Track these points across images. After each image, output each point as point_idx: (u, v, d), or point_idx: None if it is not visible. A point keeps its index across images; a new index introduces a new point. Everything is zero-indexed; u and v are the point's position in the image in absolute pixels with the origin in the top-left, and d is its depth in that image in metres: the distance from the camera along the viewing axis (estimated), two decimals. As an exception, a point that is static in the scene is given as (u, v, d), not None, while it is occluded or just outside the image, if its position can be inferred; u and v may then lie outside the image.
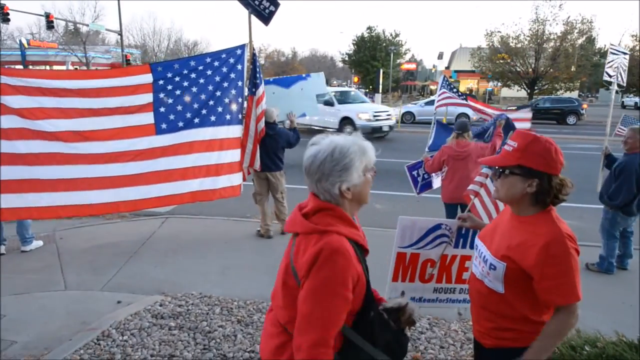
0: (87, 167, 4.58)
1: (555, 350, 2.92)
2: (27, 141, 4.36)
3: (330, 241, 1.40)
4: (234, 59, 5.27)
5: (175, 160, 4.99)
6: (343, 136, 1.52)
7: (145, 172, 4.83)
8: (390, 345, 1.54)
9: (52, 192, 4.46)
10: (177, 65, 5.05)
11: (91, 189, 4.60)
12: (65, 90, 4.53)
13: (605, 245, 4.87)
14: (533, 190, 1.70)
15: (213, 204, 5.61)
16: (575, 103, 25.29)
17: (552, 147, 1.70)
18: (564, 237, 1.64)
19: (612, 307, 4.10)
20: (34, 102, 4.39)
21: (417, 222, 2.16)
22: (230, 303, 3.98)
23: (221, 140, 5.25)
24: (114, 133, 4.70)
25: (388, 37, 44.25)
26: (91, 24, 32.02)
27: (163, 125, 4.92)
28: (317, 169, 1.47)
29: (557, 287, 1.63)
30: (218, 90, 5.17)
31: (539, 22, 30.86)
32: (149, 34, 44.78)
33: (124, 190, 4.72)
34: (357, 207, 1.57)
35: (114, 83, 4.74)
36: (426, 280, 2.28)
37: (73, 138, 4.54)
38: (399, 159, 11.89)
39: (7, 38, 39.22)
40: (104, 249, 5.30)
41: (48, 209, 4.52)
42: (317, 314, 1.38)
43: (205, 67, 5.11)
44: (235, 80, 5.29)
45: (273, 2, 5.29)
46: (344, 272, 1.39)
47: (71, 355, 3.12)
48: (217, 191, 5.31)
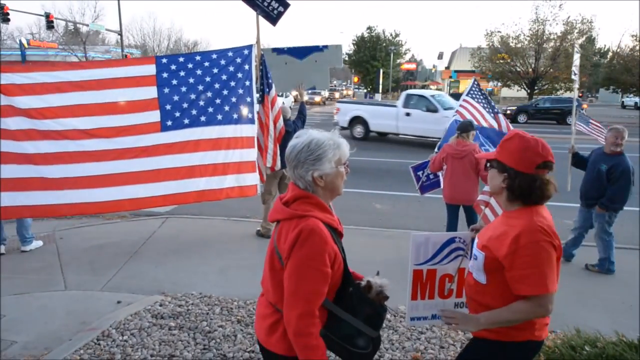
0: (93, 164, 4.56)
1: (555, 351, 2.92)
2: (36, 142, 4.39)
3: (307, 224, 1.59)
4: (241, 59, 5.23)
5: (181, 158, 4.95)
6: (321, 132, 1.72)
7: (150, 170, 4.78)
8: (371, 317, 1.74)
9: (57, 190, 4.46)
10: (182, 59, 5.01)
11: (96, 186, 4.58)
12: (68, 84, 4.51)
13: (606, 246, 4.85)
14: (504, 186, 1.78)
15: (213, 204, 5.61)
16: (575, 103, 25.26)
17: (530, 145, 1.72)
18: (535, 229, 1.68)
19: (612, 307, 4.10)
20: (41, 102, 4.40)
21: (431, 238, 2.13)
22: (230, 303, 3.98)
23: (229, 139, 5.19)
24: (120, 130, 4.68)
25: (388, 37, 44.30)
26: (91, 24, 32.05)
27: (169, 122, 4.88)
28: (294, 157, 1.67)
29: (525, 277, 1.67)
30: (225, 89, 5.12)
31: (539, 22, 30.89)
32: (149, 34, 44.93)
33: (129, 187, 4.68)
34: (331, 196, 1.75)
35: (117, 73, 4.71)
36: (446, 296, 2.23)
37: (80, 136, 4.54)
38: (399, 159, 11.91)
39: (7, 38, 39.22)
40: (104, 249, 5.30)
41: (53, 207, 4.52)
42: (302, 289, 1.57)
43: (212, 64, 5.07)
44: (243, 79, 5.25)
45: (282, 3, 5.25)
46: (321, 250, 1.58)
47: (71, 355, 3.12)
48: (224, 191, 5.23)
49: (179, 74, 4.92)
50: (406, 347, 3.31)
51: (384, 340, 3.36)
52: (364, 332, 1.72)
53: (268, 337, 1.73)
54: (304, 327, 1.57)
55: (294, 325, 1.57)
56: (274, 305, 1.72)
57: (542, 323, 1.81)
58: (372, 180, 9.08)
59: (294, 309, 1.57)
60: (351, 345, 1.70)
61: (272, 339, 1.71)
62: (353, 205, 7.26)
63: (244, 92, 5.26)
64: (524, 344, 1.80)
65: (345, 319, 1.69)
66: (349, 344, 1.70)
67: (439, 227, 5.80)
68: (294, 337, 1.58)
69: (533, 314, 1.70)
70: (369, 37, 43.95)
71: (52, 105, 4.44)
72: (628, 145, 4.97)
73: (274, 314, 1.72)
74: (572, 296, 4.29)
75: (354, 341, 1.71)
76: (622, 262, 5.16)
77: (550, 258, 1.68)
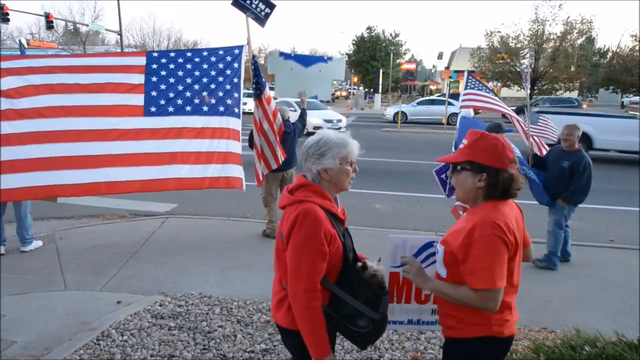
0: (69, 144, 4.29)
1: (555, 351, 2.92)
2: (12, 122, 4.08)
3: (304, 207, 1.77)
4: (232, 57, 5.23)
5: (163, 143, 4.69)
6: (334, 132, 1.91)
7: (131, 154, 4.53)
8: (370, 300, 1.85)
9: (30, 172, 4.15)
10: (174, 54, 4.99)
11: (72, 168, 4.29)
12: (55, 68, 4.37)
13: (554, 241, 4.89)
14: (483, 185, 1.78)
15: (213, 204, 5.62)
16: (575, 103, 25.34)
17: (499, 142, 1.79)
18: (489, 223, 1.69)
19: (612, 307, 4.10)
20: (21, 81, 4.16)
21: (408, 241, 2.08)
22: (230, 303, 3.98)
23: (214, 129, 5.03)
24: (100, 110, 4.43)
25: (388, 37, 44.28)
26: (91, 24, 32.07)
27: (152, 108, 4.75)
28: (305, 152, 1.89)
29: (474, 270, 1.69)
30: (213, 83, 5.07)
31: (538, 22, 30.84)
32: (149, 34, 44.89)
33: (107, 170, 4.41)
34: (336, 190, 1.91)
35: (107, 62, 4.66)
36: (422, 301, 2.19)
37: (57, 113, 4.28)
38: (399, 159, 11.92)
39: (7, 38, 39.27)
40: (104, 249, 5.30)
41: (23, 190, 4.14)
42: (303, 265, 1.74)
43: (202, 60, 5.05)
44: (231, 76, 5.21)
45: (268, 4, 5.29)
46: (316, 230, 1.74)
47: (71, 355, 3.12)
48: (207, 180, 5.02)
49: (168, 66, 4.85)
50: (406, 347, 3.32)
51: (384, 340, 3.36)
52: (365, 313, 1.83)
53: (276, 311, 1.95)
54: (308, 300, 1.73)
55: (298, 299, 1.75)
56: (281, 282, 1.91)
57: (500, 319, 1.79)
58: (371, 180, 9.08)
59: (298, 284, 1.75)
60: (352, 325, 1.84)
61: (279, 313, 1.92)
62: (353, 205, 7.25)
63: (231, 87, 5.22)
64: (483, 340, 1.80)
65: (346, 299, 1.83)
66: (350, 323, 1.84)
67: (439, 227, 5.81)
68: (299, 310, 1.75)
69: (477, 304, 1.71)
70: (368, 37, 43.93)
71: (32, 84, 4.22)
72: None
73: (281, 291, 1.92)
74: (572, 296, 4.30)
75: (355, 321, 1.84)
76: (622, 262, 5.17)
77: (500, 253, 1.69)
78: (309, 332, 1.75)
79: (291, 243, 1.77)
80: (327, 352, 1.77)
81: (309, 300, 1.74)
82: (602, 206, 7.54)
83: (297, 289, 1.75)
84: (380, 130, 19.55)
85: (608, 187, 8.82)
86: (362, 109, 34.25)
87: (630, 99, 38.80)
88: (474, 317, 1.78)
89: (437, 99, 26.08)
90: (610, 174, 10.38)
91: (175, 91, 4.89)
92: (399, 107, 22.85)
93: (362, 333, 1.85)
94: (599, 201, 7.62)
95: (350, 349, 3.26)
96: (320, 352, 1.76)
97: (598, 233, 6.24)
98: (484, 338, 1.80)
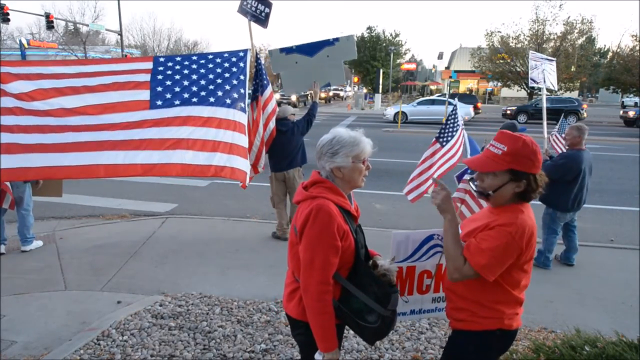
0: (71, 134, 4.31)
1: (555, 351, 2.92)
2: (17, 117, 4.24)
3: (318, 203, 1.80)
4: (237, 58, 5.28)
5: (168, 130, 4.77)
6: (348, 130, 1.92)
7: (134, 139, 4.59)
8: (380, 297, 1.88)
9: (25, 153, 4.26)
10: (179, 58, 5.08)
11: (70, 151, 4.27)
12: (64, 75, 4.48)
13: (544, 240, 4.88)
14: (521, 190, 1.80)
15: (213, 204, 5.62)
16: (575, 103, 25.30)
17: (537, 148, 1.81)
18: (514, 224, 1.73)
19: (612, 307, 4.10)
20: (32, 86, 4.31)
21: (411, 235, 2.18)
22: (230, 303, 3.98)
23: (220, 119, 5.02)
24: (107, 107, 4.48)
25: (388, 37, 44.22)
26: (91, 24, 32.05)
27: (158, 102, 4.78)
28: (319, 150, 1.92)
29: (479, 251, 1.75)
30: (219, 78, 5.11)
31: (539, 22, 30.87)
32: (149, 34, 44.80)
33: (108, 153, 4.33)
34: (348, 187, 1.93)
35: (113, 67, 4.72)
36: (424, 291, 2.30)
37: (64, 114, 4.34)
38: (399, 159, 11.91)
39: (7, 38, 39.22)
40: (104, 249, 5.30)
41: (16, 171, 4.28)
42: (316, 259, 1.77)
43: (207, 61, 5.14)
44: (237, 73, 5.25)
45: (266, 4, 5.30)
46: (329, 225, 1.77)
47: (71, 355, 3.12)
48: (212, 167, 5.02)
49: (174, 67, 4.95)
50: (406, 347, 3.32)
51: (384, 340, 3.36)
52: (374, 308, 1.86)
53: (288, 302, 2.00)
54: (319, 293, 1.77)
55: (310, 291, 1.79)
56: (294, 274, 1.96)
57: (512, 314, 1.87)
58: (371, 180, 9.06)
59: (311, 277, 1.78)
60: (361, 320, 1.87)
61: (290, 304, 1.98)
62: (353, 205, 7.25)
63: (238, 83, 5.25)
64: (493, 332, 1.86)
65: (356, 294, 1.86)
66: (359, 318, 1.87)
67: (440, 227, 5.79)
68: (310, 302, 1.79)
69: (458, 270, 1.80)
70: (369, 37, 43.88)
71: (43, 88, 4.35)
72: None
73: (293, 283, 1.97)
74: (572, 296, 4.30)
75: (364, 316, 1.87)
76: (622, 262, 5.17)
77: (509, 253, 1.73)
78: (318, 324, 1.79)
79: (304, 237, 1.80)
80: (334, 345, 1.80)
81: (320, 293, 1.77)
82: (602, 206, 7.54)
83: (309, 282, 1.79)
84: (380, 130, 19.57)
85: (608, 187, 8.82)
86: (363, 109, 34.26)
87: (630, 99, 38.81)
88: (488, 311, 1.84)
89: (437, 99, 26.07)
90: (610, 174, 10.38)
91: (181, 86, 4.94)
92: (399, 107, 22.89)
93: (371, 328, 1.88)
94: (599, 201, 7.62)
95: (350, 349, 3.26)
96: (327, 344, 1.79)
97: (598, 233, 6.24)
98: (493, 331, 1.85)
